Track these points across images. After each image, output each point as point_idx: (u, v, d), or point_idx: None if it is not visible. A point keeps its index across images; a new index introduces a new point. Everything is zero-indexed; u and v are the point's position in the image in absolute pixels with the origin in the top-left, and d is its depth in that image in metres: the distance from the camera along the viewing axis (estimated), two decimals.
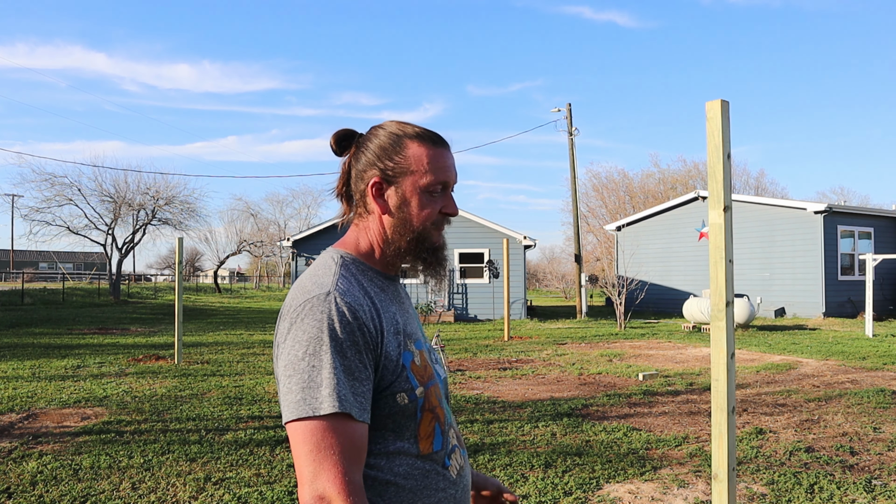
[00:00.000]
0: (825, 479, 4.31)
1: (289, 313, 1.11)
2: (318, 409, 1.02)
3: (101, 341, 13.25)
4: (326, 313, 1.07)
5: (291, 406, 1.04)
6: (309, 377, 1.04)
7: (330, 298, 1.09)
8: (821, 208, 18.96)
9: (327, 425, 1.02)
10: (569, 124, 23.50)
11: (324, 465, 1.01)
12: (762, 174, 63.15)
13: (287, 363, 1.07)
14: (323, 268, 1.19)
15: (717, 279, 2.51)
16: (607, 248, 40.32)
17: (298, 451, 1.02)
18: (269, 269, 73.38)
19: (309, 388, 1.03)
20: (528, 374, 8.87)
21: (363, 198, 1.25)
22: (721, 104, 2.48)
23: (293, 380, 1.05)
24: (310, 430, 1.02)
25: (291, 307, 1.12)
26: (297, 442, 1.03)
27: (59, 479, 4.39)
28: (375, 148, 1.24)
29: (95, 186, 30.76)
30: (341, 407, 1.03)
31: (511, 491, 1.83)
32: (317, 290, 1.11)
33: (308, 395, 1.03)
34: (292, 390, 1.04)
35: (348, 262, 1.21)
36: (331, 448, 1.02)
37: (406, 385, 1.15)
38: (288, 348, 1.08)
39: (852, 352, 10.88)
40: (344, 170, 1.29)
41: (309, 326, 1.07)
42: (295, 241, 21.33)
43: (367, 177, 1.24)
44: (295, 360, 1.06)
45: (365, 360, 1.09)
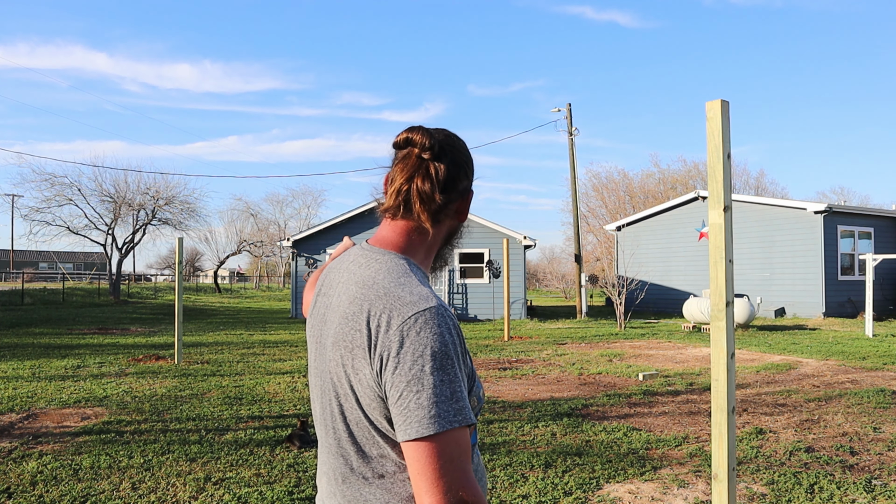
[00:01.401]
0: (825, 479, 4.31)
1: (396, 326, 1.09)
2: (454, 423, 1.04)
3: (101, 341, 13.25)
4: (444, 327, 1.09)
5: (425, 421, 1.04)
6: (440, 392, 1.05)
7: (442, 312, 1.11)
8: (821, 208, 18.96)
9: (458, 437, 1.05)
10: (569, 124, 23.50)
11: (457, 475, 1.03)
12: (762, 174, 63.22)
13: (412, 378, 1.06)
14: (404, 275, 1.17)
15: (717, 279, 2.51)
16: (607, 248, 40.33)
17: (433, 466, 1.03)
18: (269, 269, 73.39)
19: (444, 402, 1.05)
20: (528, 374, 8.87)
21: (447, 206, 1.24)
22: (721, 104, 2.48)
23: (423, 395, 1.05)
24: (445, 443, 1.04)
25: (396, 319, 1.10)
26: (431, 456, 1.03)
27: (59, 479, 4.39)
28: (467, 160, 1.27)
29: (95, 186, 30.77)
30: (472, 419, 1.07)
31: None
32: (424, 303, 1.11)
33: (443, 410, 1.04)
34: (423, 406, 1.04)
35: (415, 269, 1.21)
36: (460, 458, 1.05)
37: (477, 389, 1.20)
38: (409, 363, 1.07)
39: (852, 352, 10.88)
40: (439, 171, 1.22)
41: (430, 341, 1.07)
42: (295, 241, 21.32)
43: (463, 187, 1.26)
44: (422, 374, 1.05)
45: (466, 369, 1.14)
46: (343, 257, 1.30)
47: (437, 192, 1.21)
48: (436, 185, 1.21)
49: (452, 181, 1.23)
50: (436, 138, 1.22)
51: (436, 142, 1.22)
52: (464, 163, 1.26)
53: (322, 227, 21.37)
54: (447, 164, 1.23)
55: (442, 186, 1.22)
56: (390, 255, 1.21)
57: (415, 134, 1.22)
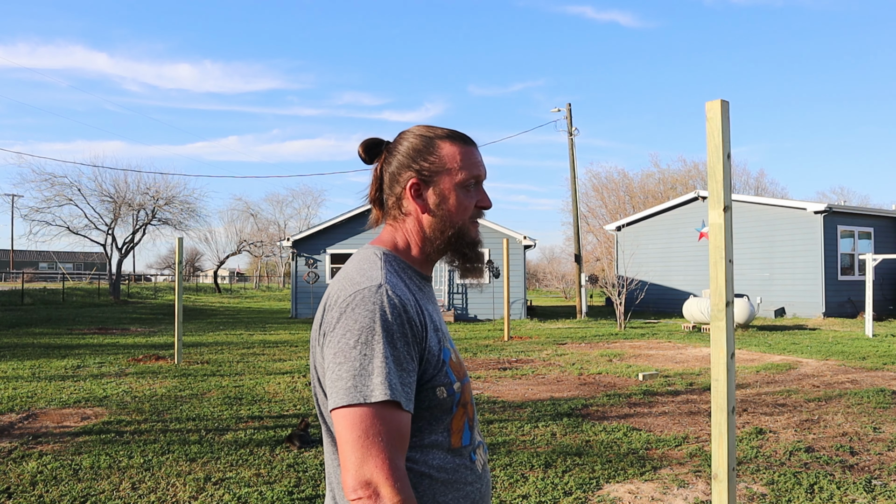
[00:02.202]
0: (825, 479, 4.31)
1: (337, 303, 1.13)
2: (368, 397, 1.03)
3: (101, 341, 13.25)
4: (378, 304, 1.10)
5: (341, 392, 1.05)
6: (360, 365, 1.05)
7: (382, 290, 1.12)
8: (821, 208, 18.96)
9: (376, 412, 1.03)
10: (569, 124, 23.50)
11: (371, 451, 1.02)
12: (762, 174, 63.22)
13: (337, 351, 1.08)
14: (367, 262, 1.22)
15: (717, 279, 2.51)
16: (607, 248, 40.32)
17: (345, 437, 1.03)
18: (269, 269, 73.39)
19: (360, 375, 1.05)
20: (528, 374, 8.87)
21: (399, 200, 1.29)
22: (721, 104, 2.48)
23: (343, 367, 1.06)
24: (359, 416, 1.03)
25: (340, 297, 1.14)
26: (345, 428, 1.04)
27: (59, 479, 4.39)
28: (408, 151, 1.28)
29: (95, 186, 30.77)
30: (392, 395, 1.04)
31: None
32: (367, 283, 1.14)
33: (359, 383, 1.04)
34: (342, 377, 1.05)
35: (390, 259, 1.24)
36: (378, 435, 1.03)
37: (445, 379, 1.18)
38: (338, 337, 1.09)
39: (852, 352, 10.88)
40: (376, 176, 1.33)
41: (360, 316, 1.09)
42: (295, 241, 21.33)
43: (404, 179, 1.28)
44: (346, 348, 1.07)
45: (412, 352, 1.11)
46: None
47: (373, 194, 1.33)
48: (374, 187, 1.33)
49: (392, 177, 1.29)
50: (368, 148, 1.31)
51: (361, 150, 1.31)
52: (402, 156, 1.29)
53: (322, 227, 21.37)
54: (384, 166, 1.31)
55: (377, 187, 1.33)
56: (372, 247, 1.27)
57: (358, 149, 1.32)
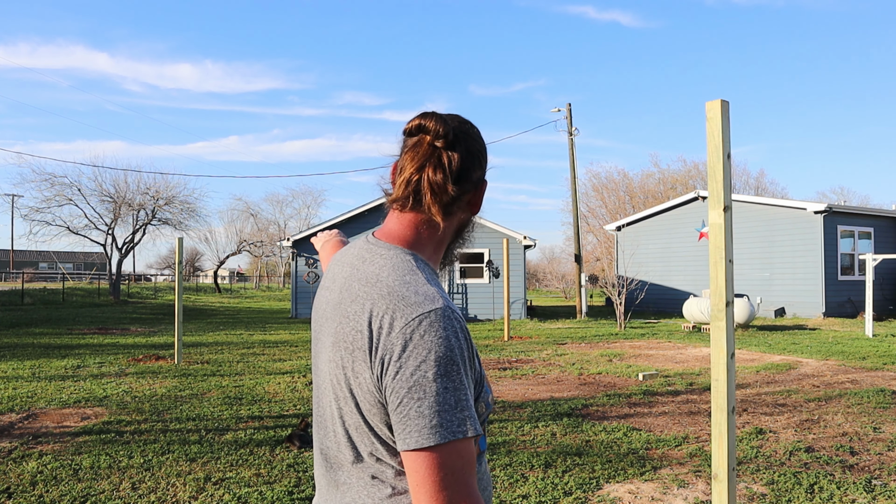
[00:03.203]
0: (825, 479, 4.31)
1: (398, 328, 1.03)
2: (457, 434, 0.99)
3: (101, 341, 13.25)
4: (451, 330, 1.03)
5: (426, 431, 0.98)
6: (444, 400, 0.99)
7: (449, 314, 1.04)
8: (821, 208, 18.96)
9: (461, 448, 0.99)
10: (569, 124, 23.50)
11: (458, 489, 0.98)
12: (762, 174, 63.26)
13: (414, 384, 1.00)
14: (409, 273, 1.11)
15: (717, 279, 2.51)
16: (607, 248, 40.31)
17: (433, 478, 0.98)
18: (269, 269, 73.39)
19: (447, 411, 0.99)
20: (528, 374, 8.87)
21: (458, 199, 1.17)
22: (721, 104, 2.48)
23: (425, 403, 0.99)
24: (447, 454, 0.98)
25: (398, 320, 1.04)
26: (432, 468, 0.98)
27: (59, 479, 4.39)
28: (481, 150, 1.20)
29: (95, 186, 30.76)
30: (478, 429, 1.01)
31: None
32: (429, 304, 1.05)
33: (445, 420, 0.98)
34: (424, 414, 0.99)
35: (423, 266, 1.14)
36: (462, 470, 0.99)
37: (485, 395, 1.14)
38: (411, 368, 1.01)
39: (852, 352, 10.88)
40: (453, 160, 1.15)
41: (435, 345, 1.01)
42: (295, 241, 21.34)
43: (475, 178, 1.19)
44: (425, 381, 1.00)
45: (474, 375, 1.08)
46: (347, 250, 1.23)
47: (450, 184, 1.14)
48: (448, 176, 1.14)
49: (466, 171, 1.16)
50: (450, 125, 1.15)
51: (450, 129, 1.14)
52: (478, 152, 1.19)
53: (322, 227, 21.38)
54: (461, 154, 1.15)
55: (455, 177, 1.15)
56: (396, 249, 1.14)
57: (428, 120, 1.14)
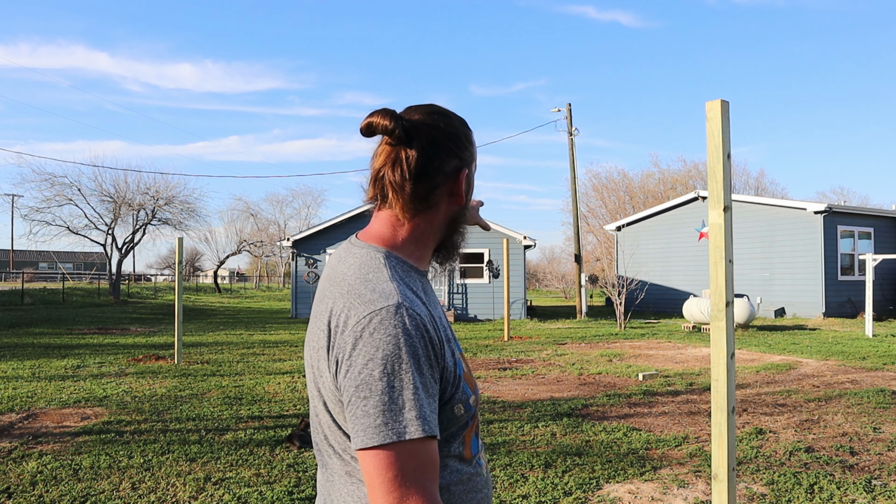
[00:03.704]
0: (825, 479, 4.31)
1: (350, 326, 1.02)
2: (403, 434, 0.96)
3: (101, 341, 13.25)
4: (401, 328, 1.00)
5: (370, 431, 0.96)
6: (390, 399, 0.96)
7: (401, 311, 1.01)
8: (821, 208, 18.96)
9: (413, 448, 0.96)
10: (569, 124, 23.51)
11: (411, 490, 0.95)
12: (762, 174, 63.25)
13: (360, 383, 0.98)
14: (372, 270, 1.09)
15: (717, 279, 2.51)
16: (607, 248, 40.31)
17: (380, 478, 0.95)
18: (269, 269, 73.40)
19: (391, 411, 0.96)
20: (528, 374, 8.87)
21: (432, 191, 1.13)
22: (721, 104, 2.48)
23: (370, 402, 0.97)
24: (394, 456, 0.95)
25: (352, 318, 1.02)
26: (377, 468, 0.96)
27: (59, 479, 4.39)
28: (453, 136, 1.15)
29: (95, 186, 30.80)
30: (428, 430, 0.97)
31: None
32: (382, 301, 1.02)
33: (390, 419, 0.96)
34: (369, 413, 0.97)
35: (394, 264, 1.12)
36: (416, 471, 0.96)
37: (463, 396, 1.10)
38: (359, 367, 0.99)
39: (852, 352, 10.88)
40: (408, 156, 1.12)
41: (382, 343, 0.98)
42: (295, 241, 21.33)
43: (451, 167, 1.14)
44: (371, 379, 0.97)
45: (435, 375, 1.03)
46: (335, 252, 1.23)
47: (409, 182, 1.11)
48: (406, 174, 1.11)
49: (431, 164, 1.13)
50: (400, 121, 1.11)
51: (398, 126, 1.11)
52: (446, 141, 1.14)
53: (322, 227, 21.37)
54: (420, 148, 1.12)
55: (415, 174, 1.12)
56: (369, 248, 1.13)
57: (377, 118, 1.11)
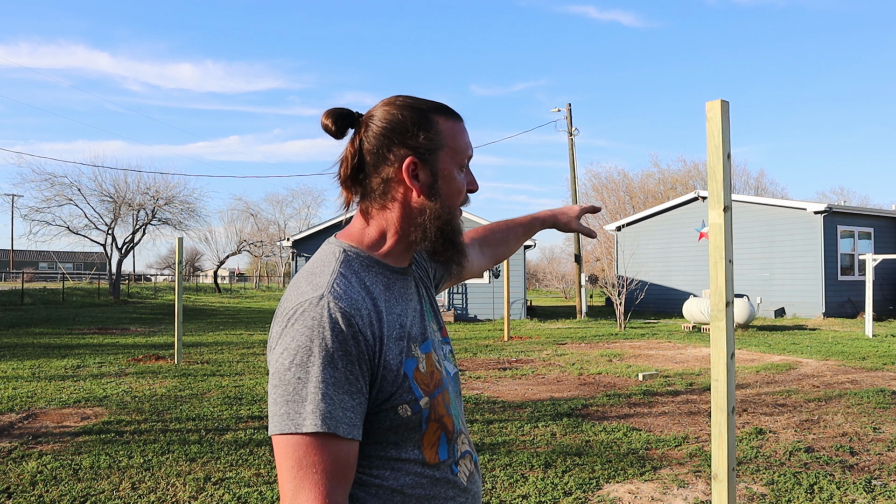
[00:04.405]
0: (825, 479, 4.31)
1: (281, 316, 1.04)
2: (300, 426, 0.95)
3: (101, 341, 13.25)
4: (318, 320, 0.99)
5: (275, 419, 0.97)
6: (294, 390, 0.97)
7: (323, 303, 1.00)
8: (821, 208, 18.96)
9: (311, 442, 0.96)
10: (569, 124, 23.50)
11: (304, 484, 0.95)
12: (762, 174, 63.24)
13: (274, 372, 1.00)
14: (321, 264, 1.10)
15: (717, 279, 2.50)
16: (607, 248, 40.31)
17: (281, 467, 0.97)
18: (269, 269, 73.39)
19: (293, 401, 0.96)
20: (528, 374, 8.87)
21: (387, 182, 1.12)
22: (721, 104, 2.48)
23: (278, 391, 0.98)
24: (292, 445, 0.96)
25: (284, 310, 1.04)
26: (280, 457, 0.97)
27: (59, 479, 4.39)
28: (399, 125, 1.12)
29: (95, 186, 30.83)
30: (324, 425, 0.96)
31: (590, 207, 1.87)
32: (310, 293, 1.03)
33: (291, 410, 0.96)
34: (277, 402, 0.98)
35: (351, 258, 1.11)
36: (312, 466, 0.95)
37: (409, 396, 1.07)
38: (276, 356, 1.00)
39: (852, 352, 10.88)
40: (351, 152, 1.14)
41: (298, 334, 0.99)
42: (295, 241, 21.33)
43: (396, 157, 1.12)
44: (282, 369, 0.98)
45: (357, 371, 1.00)
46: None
47: (349, 176, 1.14)
48: (347, 168, 1.14)
49: (374, 156, 1.12)
50: (334, 116, 1.13)
51: (331, 122, 1.13)
52: (390, 132, 1.12)
53: (322, 227, 21.36)
54: (363, 142, 1.13)
55: (355, 167, 1.13)
56: (332, 243, 1.16)
57: (323, 118, 1.13)
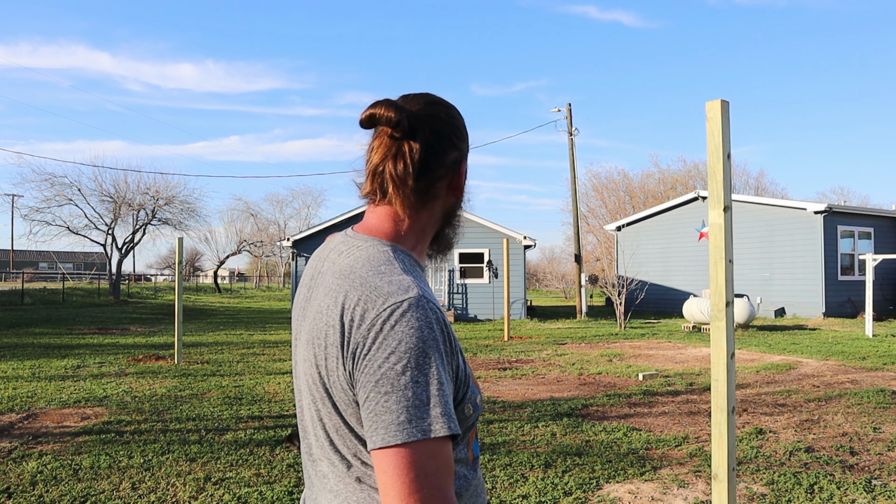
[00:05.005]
0: (825, 479, 4.31)
1: (368, 319, 0.96)
2: (428, 432, 0.91)
3: (101, 341, 13.25)
4: (424, 321, 0.95)
5: (392, 428, 0.91)
6: (414, 395, 0.91)
7: (424, 304, 0.97)
8: (821, 208, 18.96)
9: (435, 449, 0.91)
10: (569, 124, 23.50)
11: (434, 494, 0.90)
12: (762, 174, 63.27)
13: (381, 378, 0.93)
14: (385, 263, 1.04)
15: (717, 279, 2.50)
16: (607, 248, 40.31)
17: (400, 480, 0.90)
18: (269, 269, 73.40)
19: (416, 407, 0.91)
20: (528, 374, 8.87)
21: (433, 183, 1.10)
22: (721, 104, 2.48)
23: (392, 398, 0.91)
24: (416, 455, 0.90)
25: (370, 311, 0.97)
26: (399, 468, 0.90)
27: (59, 479, 4.39)
28: (452, 128, 1.12)
29: (95, 186, 30.80)
30: (454, 428, 0.93)
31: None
32: (401, 293, 0.97)
33: (415, 416, 0.91)
34: (391, 410, 0.91)
35: (402, 257, 1.08)
36: (437, 473, 0.91)
37: (472, 396, 1.06)
38: (379, 361, 0.93)
39: (852, 352, 10.88)
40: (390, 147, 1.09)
41: (406, 336, 0.94)
42: (295, 241, 21.33)
43: (450, 160, 1.11)
44: (392, 374, 0.92)
45: (452, 372, 0.99)
46: (328, 244, 1.17)
47: (411, 177, 1.07)
48: (409, 167, 1.07)
49: (435, 157, 1.09)
50: (405, 112, 1.07)
51: (403, 116, 1.06)
52: (449, 133, 1.11)
53: (322, 227, 21.36)
54: (423, 140, 1.08)
55: (418, 167, 1.08)
56: (373, 241, 1.08)
57: (379, 109, 1.06)
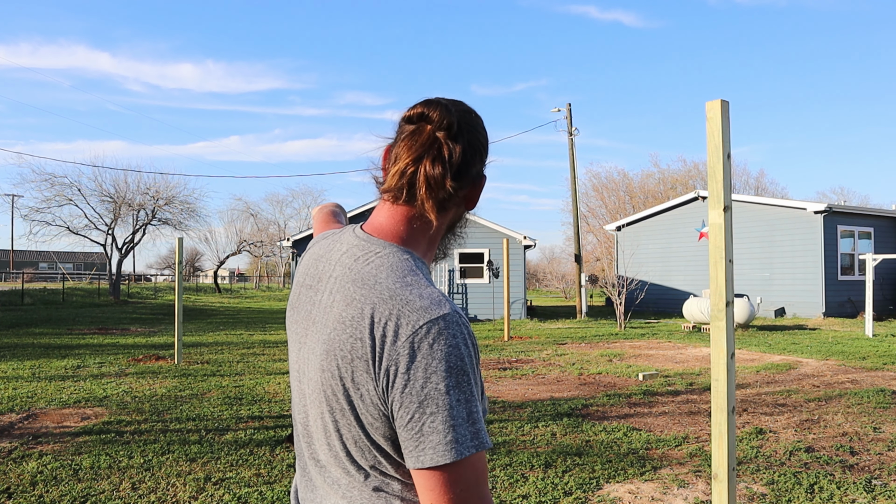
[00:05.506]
0: (825, 479, 4.31)
1: (406, 336, 0.95)
2: (471, 448, 0.92)
3: (101, 341, 13.25)
4: (461, 337, 0.96)
5: (441, 448, 0.91)
6: (458, 414, 0.93)
7: (457, 320, 0.97)
8: (821, 208, 18.96)
9: (476, 461, 0.93)
10: (569, 124, 23.50)
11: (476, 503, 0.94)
12: (762, 174, 63.36)
13: (426, 398, 0.93)
14: (410, 273, 1.02)
15: (717, 279, 2.51)
16: (607, 248, 40.32)
17: (448, 496, 0.92)
18: (269, 269, 73.41)
19: (460, 426, 0.92)
20: (528, 374, 8.87)
21: (456, 194, 1.07)
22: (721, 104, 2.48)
23: (438, 418, 0.92)
24: (462, 469, 0.92)
25: (406, 327, 0.96)
26: (447, 485, 0.92)
27: (59, 479, 4.39)
28: (484, 139, 1.12)
29: (95, 186, 30.80)
30: (488, 443, 0.95)
31: None
32: (437, 309, 0.96)
33: (461, 435, 0.92)
34: (438, 430, 0.92)
35: (421, 266, 1.07)
36: (477, 483, 0.94)
37: (486, 405, 1.06)
38: (421, 380, 0.93)
39: (852, 352, 10.88)
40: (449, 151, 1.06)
41: (446, 355, 0.94)
42: (295, 241, 21.33)
43: (475, 173, 1.10)
44: (437, 394, 0.93)
45: (480, 385, 1.00)
46: (334, 245, 1.12)
47: (449, 179, 1.04)
48: (447, 170, 1.04)
49: (466, 166, 1.07)
50: (455, 115, 1.06)
51: (454, 120, 1.05)
52: (480, 145, 1.10)
53: None
54: (463, 146, 1.06)
55: (455, 171, 1.05)
56: (392, 248, 1.06)
57: (432, 109, 1.06)
